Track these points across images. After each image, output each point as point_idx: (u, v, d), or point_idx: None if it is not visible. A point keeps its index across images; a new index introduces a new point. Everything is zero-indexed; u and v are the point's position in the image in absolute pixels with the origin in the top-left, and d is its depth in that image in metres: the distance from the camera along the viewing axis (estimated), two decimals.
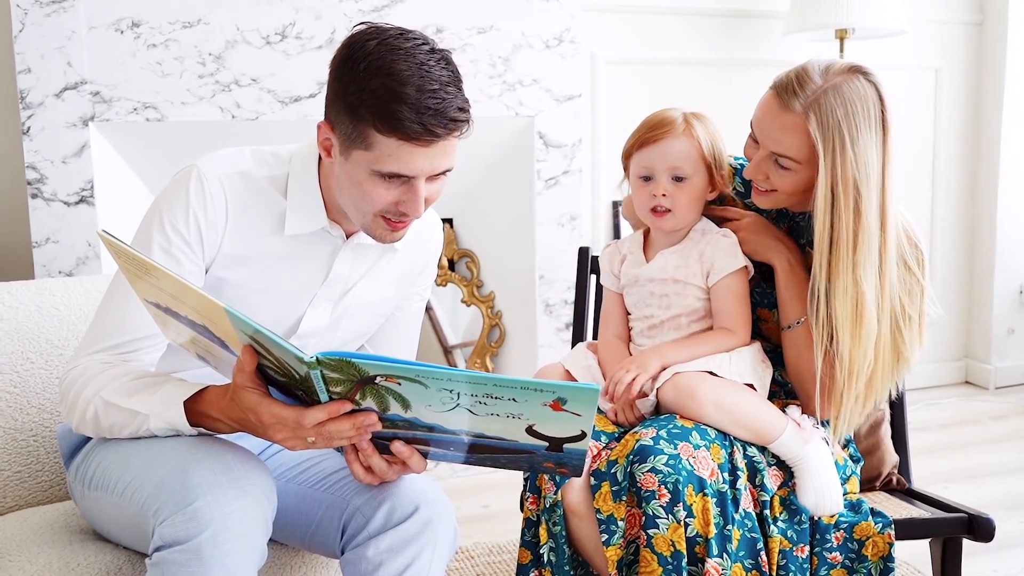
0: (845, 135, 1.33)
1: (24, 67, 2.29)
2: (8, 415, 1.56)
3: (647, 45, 3.11)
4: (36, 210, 2.34)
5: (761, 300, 1.55)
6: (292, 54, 2.48)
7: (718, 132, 1.50)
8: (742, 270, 1.48)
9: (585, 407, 1.03)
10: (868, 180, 1.34)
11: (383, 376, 1.02)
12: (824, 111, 1.33)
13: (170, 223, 1.26)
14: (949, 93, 3.53)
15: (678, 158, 1.46)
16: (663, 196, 1.46)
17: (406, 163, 1.18)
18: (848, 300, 1.36)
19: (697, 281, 1.48)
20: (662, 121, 1.47)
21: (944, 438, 3.12)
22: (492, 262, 2.95)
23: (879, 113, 1.35)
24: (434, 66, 1.18)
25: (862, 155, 1.33)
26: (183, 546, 1.06)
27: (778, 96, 1.37)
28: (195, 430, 1.20)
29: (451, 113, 1.17)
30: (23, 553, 1.30)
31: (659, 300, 1.51)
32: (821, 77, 1.35)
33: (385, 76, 1.15)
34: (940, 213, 3.60)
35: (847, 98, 1.33)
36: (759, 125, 1.41)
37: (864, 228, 1.35)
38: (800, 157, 1.37)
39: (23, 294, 1.66)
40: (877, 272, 1.37)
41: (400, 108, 1.14)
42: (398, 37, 1.19)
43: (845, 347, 1.37)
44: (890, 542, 1.41)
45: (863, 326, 1.37)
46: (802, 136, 1.35)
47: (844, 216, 1.35)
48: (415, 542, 1.22)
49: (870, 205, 1.35)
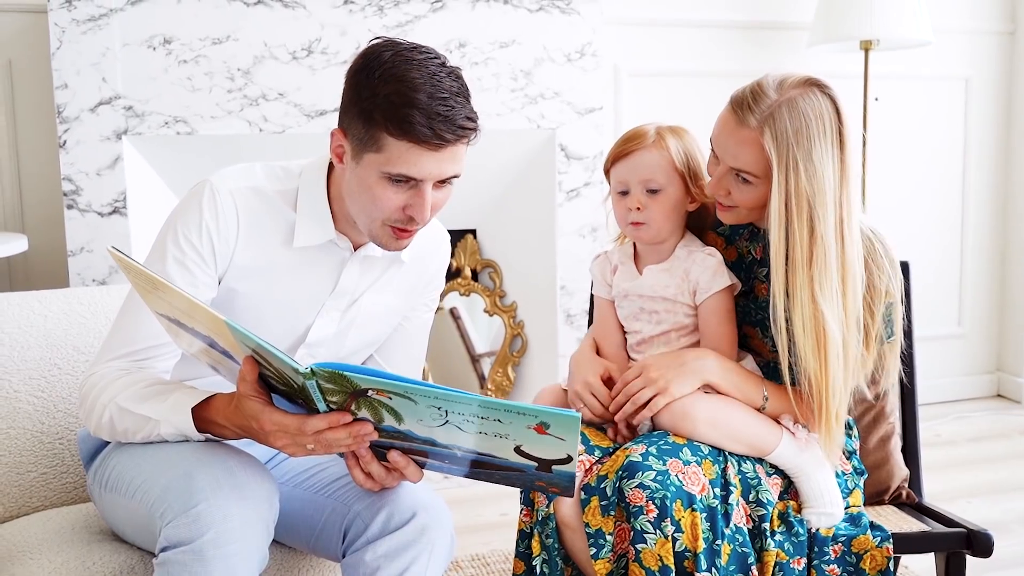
0: (798, 150, 1.32)
1: (61, 83, 2.38)
2: (35, 419, 1.63)
3: (670, 57, 3.13)
4: (71, 220, 2.43)
5: (744, 318, 1.54)
6: (318, 69, 2.54)
7: (696, 144, 1.50)
8: (727, 289, 1.47)
9: (567, 432, 1.05)
10: (824, 195, 1.33)
11: (374, 390, 1.06)
12: (778, 126, 1.32)
13: (184, 236, 1.32)
14: (979, 104, 3.49)
15: (649, 170, 1.46)
16: (637, 209, 1.47)
17: (415, 165, 1.23)
18: (807, 317, 1.34)
19: (685, 299, 1.48)
20: (634, 135, 1.49)
21: (972, 452, 3.08)
22: (515, 273, 2.98)
23: (835, 127, 1.34)
24: (444, 78, 1.23)
25: (817, 169, 1.32)
26: (187, 547, 1.11)
27: (734, 111, 1.37)
28: (202, 436, 1.25)
29: (460, 120, 1.23)
30: (43, 551, 1.37)
31: (649, 316, 1.52)
32: (776, 91, 1.35)
33: (398, 82, 1.20)
34: (971, 225, 3.57)
35: (801, 112, 1.33)
36: (717, 141, 1.41)
37: (819, 244, 1.33)
38: (758, 171, 1.37)
39: (52, 302, 1.73)
40: (839, 290, 1.35)
41: (412, 112, 1.19)
42: (412, 50, 1.25)
43: (809, 366, 1.35)
44: (888, 556, 1.41)
45: (827, 346, 1.34)
46: (758, 150, 1.35)
47: (798, 231, 1.34)
48: (411, 548, 1.25)
49: (826, 221, 1.33)
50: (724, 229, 1.58)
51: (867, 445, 1.73)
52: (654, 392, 1.41)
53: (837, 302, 1.35)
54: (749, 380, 1.45)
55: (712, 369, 1.42)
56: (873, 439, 1.76)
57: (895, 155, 3.42)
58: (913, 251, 3.47)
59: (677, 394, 1.40)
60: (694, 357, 1.43)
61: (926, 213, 3.51)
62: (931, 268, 3.54)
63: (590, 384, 1.49)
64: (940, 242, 3.55)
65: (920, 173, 3.49)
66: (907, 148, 3.44)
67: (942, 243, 3.55)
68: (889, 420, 1.77)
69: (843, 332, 1.36)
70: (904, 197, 3.46)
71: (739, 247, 1.56)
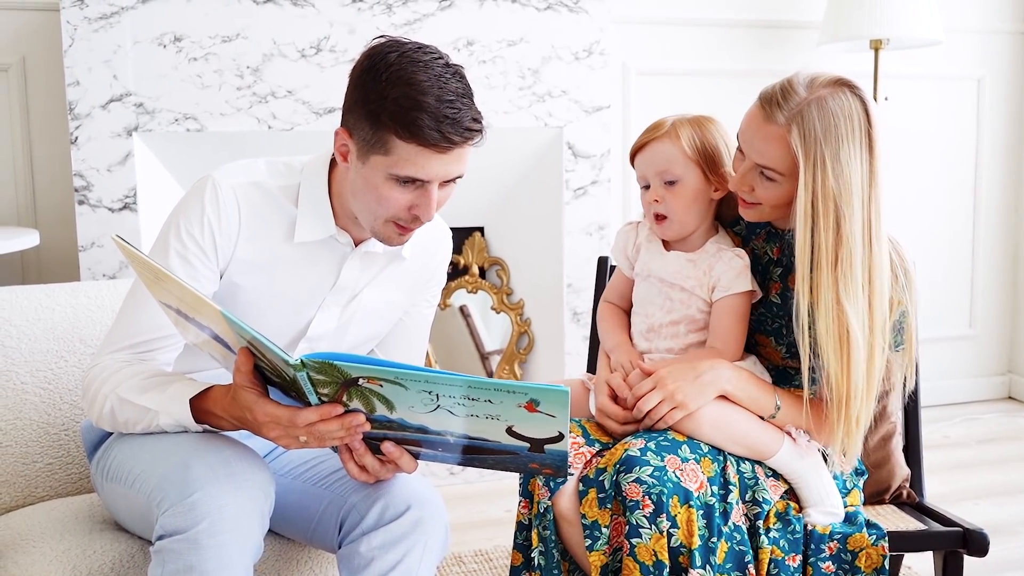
0: (826, 148, 1.31)
1: (73, 80, 2.41)
2: (42, 410, 1.65)
3: (680, 56, 3.13)
4: (82, 216, 2.46)
5: (758, 326, 1.52)
6: (326, 67, 2.56)
7: (721, 133, 1.49)
8: (746, 293, 1.46)
9: (557, 408, 1.06)
10: (851, 195, 1.32)
11: (365, 378, 1.08)
12: (806, 123, 1.32)
13: (186, 230, 1.33)
14: (992, 104, 3.47)
15: (664, 161, 1.46)
16: (656, 202, 1.47)
17: (422, 168, 1.24)
18: (831, 320, 1.33)
19: (702, 293, 1.48)
20: (652, 127, 1.49)
21: (981, 454, 3.07)
22: (522, 270, 2.99)
23: (864, 128, 1.33)
24: (450, 79, 1.24)
25: (844, 169, 1.32)
26: (182, 535, 1.13)
27: (762, 108, 1.37)
28: (200, 427, 1.27)
29: (467, 123, 1.24)
30: (46, 540, 1.39)
31: (663, 302, 1.50)
32: (806, 89, 1.35)
33: (406, 86, 1.22)
34: (983, 226, 3.54)
35: (830, 111, 1.32)
36: (744, 136, 1.41)
37: (845, 245, 1.32)
38: (783, 169, 1.36)
39: (60, 296, 1.75)
40: (865, 293, 1.34)
41: (421, 116, 1.21)
42: (417, 51, 1.26)
43: (832, 370, 1.34)
44: (884, 554, 1.41)
45: (850, 350, 1.33)
46: (785, 148, 1.34)
47: (824, 232, 1.33)
48: (405, 540, 1.26)
49: (853, 222, 1.32)
50: (740, 229, 1.57)
51: (868, 445, 1.73)
52: (671, 407, 1.40)
53: (862, 306, 1.34)
54: (763, 390, 1.44)
55: (727, 379, 1.41)
56: (874, 438, 1.75)
57: (905, 155, 3.40)
58: (923, 252, 3.45)
59: (693, 408, 1.39)
60: (709, 367, 1.41)
61: (937, 213, 3.49)
62: (942, 269, 3.52)
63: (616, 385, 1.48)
64: (951, 243, 3.53)
65: (931, 173, 3.47)
66: (917, 148, 3.42)
67: (953, 244, 3.53)
68: (890, 420, 1.77)
69: (867, 336, 1.34)
70: (914, 197, 3.45)
71: (755, 247, 1.55)
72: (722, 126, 1.51)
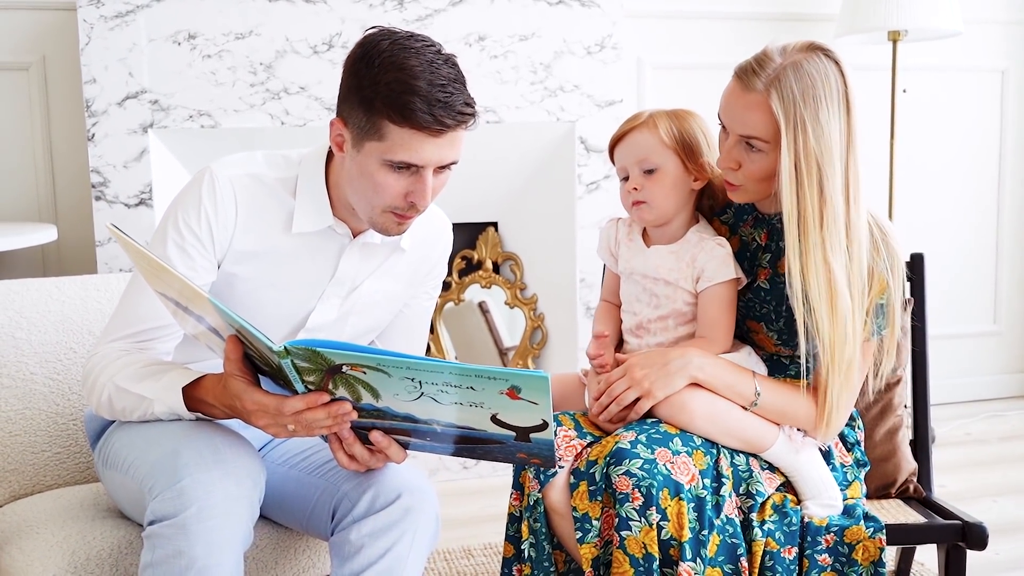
0: (805, 110, 1.33)
1: (89, 78, 2.45)
2: (51, 400, 1.68)
3: (694, 50, 3.11)
4: (99, 211, 2.50)
5: (748, 312, 1.52)
6: (338, 63, 2.57)
7: (700, 125, 1.50)
8: (732, 281, 1.46)
9: (539, 395, 1.06)
10: (831, 155, 1.34)
11: (348, 365, 1.08)
12: (784, 87, 1.34)
13: (184, 221, 1.35)
14: (1017, 96, 3.41)
15: (642, 149, 1.47)
16: (634, 190, 1.47)
17: (416, 152, 1.25)
18: (821, 280, 1.35)
19: (687, 285, 1.48)
20: (630, 119, 1.50)
21: (1001, 451, 3.02)
22: (535, 265, 2.99)
23: (841, 90, 1.35)
24: (442, 65, 1.26)
25: (824, 130, 1.33)
26: (171, 521, 1.15)
27: (740, 79, 1.39)
28: (193, 415, 1.29)
29: (459, 106, 1.25)
30: (48, 527, 1.42)
31: (648, 298, 1.51)
32: (780, 56, 1.36)
33: (398, 71, 1.23)
34: (1007, 220, 3.49)
35: (807, 73, 1.34)
36: (724, 111, 1.42)
37: (828, 204, 1.34)
38: (767, 135, 1.37)
39: (70, 288, 1.79)
40: (845, 250, 1.36)
41: (413, 100, 1.22)
42: (408, 38, 1.27)
43: (824, 330, 1.36)
44: (881, 547, 1.40)
45: (837, 304, 1.36)
46: (767, 114, 1.36)
47: (808, 193, 1.34)
48: (395, 528, 1.27)
49: (834, 182, 1.34)
50: (728, 217, 1.57)
51: (874, 437, 1.71)
52: (638, 394, 1.41)
53: (844, 261, 1.36)
54: (738, 375, 1.44)
55: (698, 366, 1.41)
56: (880, 431, 1.74)
57: (925, 147, 3.36)
58: (945, 246, 3.40)
59: (660, 396, 1.40)
60: (678, 355, 1.42)
61: (959, 208, 3.44)
62: (965, 264, 3.47)
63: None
64: (975, 239, 3.47)
65: (952, 166, 3.41)
66: (938, 141, 3.37)
67: (977, 240, 3.48)
68: (897, 413, 1.75)
69: (849, 290, 1.37)
70: (936, 191, 3.40)
71: (743, 234, 1.55)
72: (701, 119, 1.52)
